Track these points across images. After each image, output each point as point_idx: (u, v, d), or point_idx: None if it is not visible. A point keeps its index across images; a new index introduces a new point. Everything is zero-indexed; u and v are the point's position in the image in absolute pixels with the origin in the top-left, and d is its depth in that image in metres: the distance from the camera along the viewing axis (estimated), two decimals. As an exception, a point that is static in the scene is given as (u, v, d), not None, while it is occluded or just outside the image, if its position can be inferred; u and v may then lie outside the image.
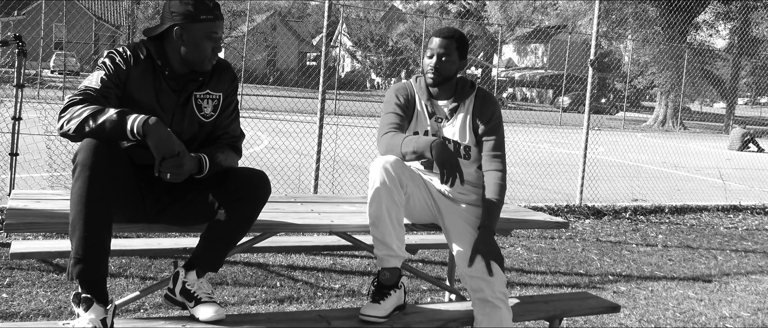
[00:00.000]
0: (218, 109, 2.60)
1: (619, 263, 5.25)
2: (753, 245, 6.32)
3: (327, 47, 6.16)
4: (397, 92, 2.98)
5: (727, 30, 33.97)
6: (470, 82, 3.02)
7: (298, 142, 9.56)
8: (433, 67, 2.88)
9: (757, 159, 16.35)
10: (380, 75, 46.68)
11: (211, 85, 2.58)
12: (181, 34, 2.45)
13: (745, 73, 34.15)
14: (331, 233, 2.92)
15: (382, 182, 2.66)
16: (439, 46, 2.87)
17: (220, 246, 2.47)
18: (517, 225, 3.18)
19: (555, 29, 42.04)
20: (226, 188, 2.45)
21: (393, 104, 2.93)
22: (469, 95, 2.98)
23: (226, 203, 2.44)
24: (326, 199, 3.51)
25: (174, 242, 3.36)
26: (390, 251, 2.69)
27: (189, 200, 2.50)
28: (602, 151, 15.23)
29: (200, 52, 2.46)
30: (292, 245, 3.72)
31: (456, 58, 2.90)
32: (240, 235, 2.48)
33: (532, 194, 8.30)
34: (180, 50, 2.47)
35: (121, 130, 2.21)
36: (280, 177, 7.54)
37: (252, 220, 2.48)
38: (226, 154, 2.55)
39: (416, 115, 2.96)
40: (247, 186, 2.44)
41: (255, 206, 2.46)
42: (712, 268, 5.32)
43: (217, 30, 2.47)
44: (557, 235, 6.05)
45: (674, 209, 7.81)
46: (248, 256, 4.63)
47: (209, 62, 2.50)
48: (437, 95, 2.97)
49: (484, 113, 2.94)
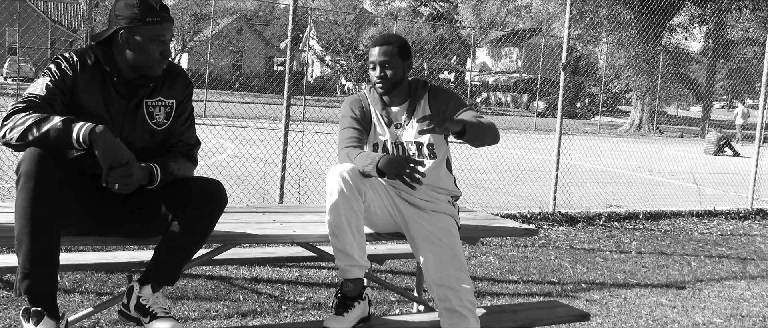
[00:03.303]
0: (171, 117, 2.59)
1: (592, 271, 5.32)
2: (727, 250, 6.45)
3: (292, 52, 6.16)
4: (351, 106, 3.01)
5: (702, 33, 34.64)
6: (423, 82, 3.05)
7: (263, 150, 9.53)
8: (378, 78, 2.92)
9: (733, 163, 16.68)
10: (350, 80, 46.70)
11: (164, 91, 2.58)
12: (127, 38, 2.43)
13: (720, 76, 34.84)
14: (293, 244, 2.93)
15: (340, 191, 2.68)
16: (378, 55, 2.91)
17: (175, 258, 2.47)
18: (485, 233, 3.21)
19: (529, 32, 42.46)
20: (180, 198, 2.45)
21: (349, 119, 2.97)
22: (423, 95, 3.02)
23: (181, 213, 2.43)
24: (290, 209, 3.51)
25: (131, 255, 3.34)
26: (352, 261, 2.71)
27: (143, 211, 2.49)
28: (576, 157, 15.41)
29: (147, 57, 2.45)
30: (256, 257, 3.72)
31: (399, 61, 2.93)
32: (196, 246, 2.47)
33: (504, 201, 8.37)
34: (127, 56, 2.46)
35: (66, 139, 2.19)
36: (244, 187, 7.50)
37: (208, 231, 2.48)
38: (180, 164, 2.54)
39: (373, 127, 3.00)
40: (202, 196, 2.44)
41: (211, 217, 2.46)
42: (686, 274, 5.42)
43: (165, 33, 2.46)
44: (530, 243, 6.12)
45: (649, 214, 7.93)
46: (210, 269, 4.60)
47: (158, 67, 2.49)
48: (391, 102, 3.01)
49: (440, 102, 2.97)
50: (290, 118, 6.19)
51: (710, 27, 31.76)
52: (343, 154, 2.88)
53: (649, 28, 26.47)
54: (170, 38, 2.50)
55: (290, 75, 6.12)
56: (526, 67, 50.54)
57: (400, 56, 2.93)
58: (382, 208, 2.91)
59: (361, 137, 2.94)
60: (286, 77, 6.12)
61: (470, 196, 8.25)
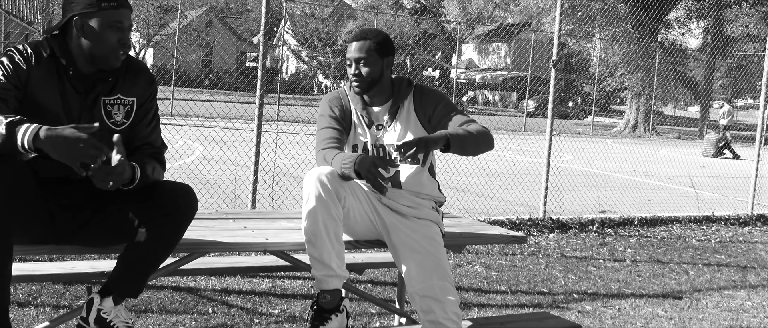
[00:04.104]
0: (131, 116, 2.56)
1: (584, 280, 5.35)
2: (726, 258, 6.52)
3: (266, 47, 6.16)
4: (330, 104, 3.00)
5: (700, 28, 35.03)
6: (407, 81, 3.05)
7: (235, 152, 9.49)
8: (353, 75, 2.92)
9: (732, 166, 16.87)
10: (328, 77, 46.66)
11: (124, 88, 2.55)
12: (82, 26, 2.41)
13: (719, 74, 35.24)
14: (266, 252, 2.92)
15: (317, 196, 2.67)
16: (354, 51, 2.91)
17: (139, 269, 2.45)
18: (471, 240, 3.23)
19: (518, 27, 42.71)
20: (147, 204, 2.43)
21: (327, 118, 2.96)
22: (407, 95, 3.01)
23: (148, 220, 2.41)
24: (262, 215, 3.50)
25: (91, 265, 3.32)
26: (329, 270, 2.71)
27: (107, 217, 2.47)
28: (568, 160, 15.51)
29: (105, 45, 2.43)
30: (226, 267, 3.71)
31: (376, 57, 2.92)
32: (162, 256, 2.46)
33: (492, 206, 8.41)
34: (83, 45, 2.43)
35: (11, 145, 2.15)
36: (214, 191, 7.47)
37: (176, 239, 2.46)
38: (154, 167, 2.52)
39: (353, 128, 2.99)
40: (170, 202, 2.42)
41: (179, 224, 2.44)
42: (684, 283, 5.47)
43: (123, 19, 2.44)
44: (519, 251, 6.15)
45: (644, 220, 8.01)
46: (177, 279, 4.58)
47: (116, 57, 2.47)
48: (372, 102, 3.00)
49: (426, 104, 2.97)
50: (263, 118, 6.17)
51: (709, 22, 32.14)
52: (321, 156, 2.87)
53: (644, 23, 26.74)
54: (129, 26, 2.47)
55: (263, 72, 6.11)
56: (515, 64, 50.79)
57: (378, 53, 2.93)
58: (362, 214, 2.91)
59: (341, 138, 2.93)
60: (258, 74, 6.11)
61: (455, 201, 8.28)
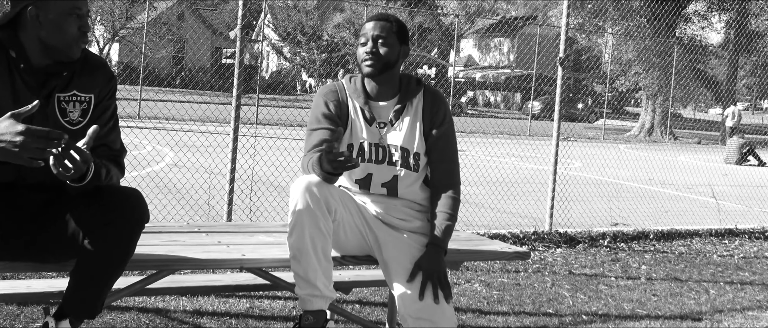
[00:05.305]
0: (88, 115, 2.56)
1: (595, 300, 5.37)
2: (750, 275, 6.55)
3: (243, 42, 6.17)
4: (325, 98, 2.98)
5: (722, 22, 35.21)
6: (416, 79, 3.06)
7: (209, 159, 9.49)
8: (369, 53, 2.91)
9: (757, 174, 16.96)
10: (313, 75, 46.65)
11: (80, 84, 2.55)
12: (36, 15, 2.42)
13: (743, 73, 35.44)
14: (242, 270, 2.92)
15: (305, 206, 2.67)
16: (374, 29, 2.93)
17: (92, 287, 2.44)
18: (469, 256, 3.24)
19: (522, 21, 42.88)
20: (91, 211, 2.41)
21: (320, 117, 2.93)
22: (416, 94, 3.02)
23: (92, 230, 2.39)
24: (239, 228, 3.51)
25: (48, 283, 3.30)
26: (314, 290, 2.70)
27: (55, 227, 2.45)
28: (578, 167, 15.56)
29: (64, 34, 2.44)
30: (198, 286, 3.71)
31: (395, 40, 2.94)
32: (115, 272, 2.44)
33: (493, 218, 8.43)
34: (39, 35, 2.43)
35: None
36: (186, 202, 7.46)
37: (127, 251, 2.45)
38: (108, 169, 2.51)
39: (351, 124, 2.98)
40: (117, 208, 2.40)
41: (129, 233, 2.43)
42: (703, 304, 5.49)
43: (82, 6, 2.45)
44: (523, 267, 6.16)
45: (660, 234, 8.04)
46: (144, 300, 4.57)
47: (78, 47, 2.47)
48: (377, 96, 3.00)
49: (436, 114, 2.99)
50: (241, 121, 6.17)
51: (731, 16, 32.30)
52: (305, 161, 2.87)
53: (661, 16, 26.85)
54: (87, 12, 2.48)
55: (241, 70, 6.12)
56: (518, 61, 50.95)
57: (398, 37, 2.96)
58: (353, 228, 2.91)
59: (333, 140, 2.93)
60: (235, 72, 6.12)
61: (453, 212, 8.28)
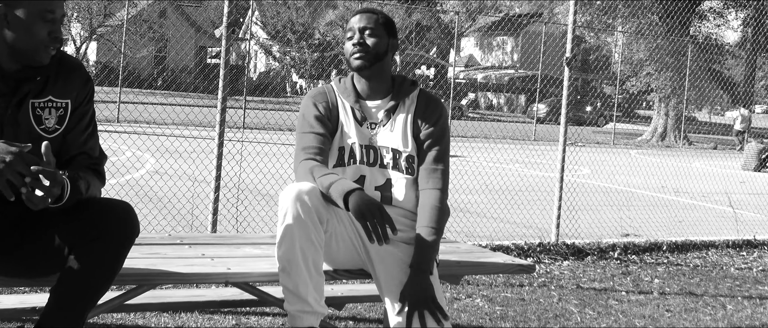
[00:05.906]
0: (65, 122, 2.56)
1: (604, 317, 5.37)
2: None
3: (229, 41, 6.17)
4: (314, 100, 3.01)
5: (739, 20, 35.32)
6: (410, 80, 3.10)
7: (192, 165, 9.47)
8: (356, 44, 2.95)
9: (777, 182, 16.99)
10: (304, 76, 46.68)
11: (55, 89, 2.55)
12: (5, 16, 2.42)
13: (762, 73, 35.54)
14: (228, 285, 2.92)
15: (296, 217, 2.67)
16: (359, 21, 2.98)
17: (74, 304, 2.44)
18: (470, 270, 3.24)
19: (527, 18, 42.95)
20: (78, 225, 2.42)
21: (311, 119, 2.95)
22: (409, 94, 3.05)
23: (79, 245, 2.40)
24: (224, 240, 3.50)
25: (20, 299, 3.30)
26: (305, 305, 2.70)
27: (35, 242, 2.46)
28: (586, 174, 15.57)
29: (33, 37, 2.44)
30: (181, 301, 3.69)
31: (383, 33, 2.99)
32: (101, 287, 2.45)
33: (496, 229, 8.43)
34: (7, 37, 2.44)
35: None
36: (167, 211, 7.45)
37: (115, 267, 2.45)
38: (88, 181, 2.52)
39: (340, 127, 3.00)
40: (105, 222, 2.41)
41: (118, 248, 2.43)
42: (720, 320, 5.49)
43: (55, 9, 2.45)
44: (527, 281, 6.16)
45: (674, 245, 8.04)
46: (123, 316, 4.55)
47: (46, 52, 2.47)
48: (368, 94, 3.02)
49: (429, 115, 3.01)
50: (226, 125, 6.16)
51: (749, 13, 32.40)
52: (303, 169, 2.86)
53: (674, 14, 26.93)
54: (62, 16, 2.48)
55: (227, 70, 6.11)
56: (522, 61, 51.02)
57: (386, 29, 3.00)
58: (346, 239, 2.91)
59: (325, 147, 2.94)
60: (221, 73, 6.11)
61: (452, 223, 8.29)
